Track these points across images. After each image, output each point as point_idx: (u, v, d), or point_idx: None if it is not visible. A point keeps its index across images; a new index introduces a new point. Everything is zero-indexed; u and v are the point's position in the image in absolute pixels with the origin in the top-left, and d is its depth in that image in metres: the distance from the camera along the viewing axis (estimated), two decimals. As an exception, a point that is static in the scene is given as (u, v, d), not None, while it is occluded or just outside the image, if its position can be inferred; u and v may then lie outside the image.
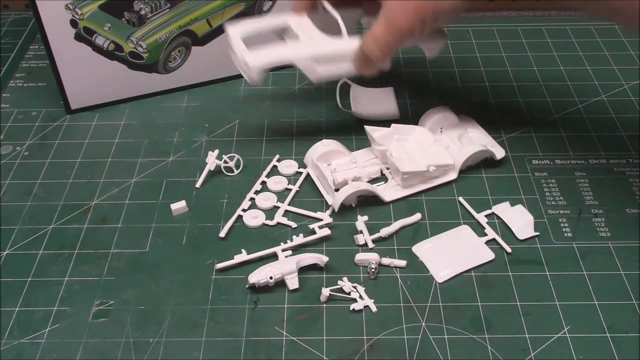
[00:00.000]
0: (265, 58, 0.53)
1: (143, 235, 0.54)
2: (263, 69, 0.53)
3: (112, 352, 0.46)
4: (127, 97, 0.67)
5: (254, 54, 0.53)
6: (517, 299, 0.48)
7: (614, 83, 0.69)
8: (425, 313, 0.47)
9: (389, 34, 0.52)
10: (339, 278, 0.50)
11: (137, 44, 0.64)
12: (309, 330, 0.47)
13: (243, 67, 0.54)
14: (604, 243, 0.52)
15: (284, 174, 0.59)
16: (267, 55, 0.53)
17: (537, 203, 0.56)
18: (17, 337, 0.47)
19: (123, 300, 0.49)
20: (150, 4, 0.63)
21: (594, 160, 0.60)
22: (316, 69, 0.54)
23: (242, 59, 0.53)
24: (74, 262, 0.52)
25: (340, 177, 0.56)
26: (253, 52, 0.53)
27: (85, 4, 0.61)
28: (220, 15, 0.66)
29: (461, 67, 0.71)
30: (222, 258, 0.51)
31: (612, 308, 0.48)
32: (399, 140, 0.58)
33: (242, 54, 0.53)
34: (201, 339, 0.46)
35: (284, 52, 0.54)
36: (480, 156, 0.58)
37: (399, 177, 0.56)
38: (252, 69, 0.53)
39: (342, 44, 0.55)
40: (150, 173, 0.59)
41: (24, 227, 0.55)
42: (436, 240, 0.53)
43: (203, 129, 0.64)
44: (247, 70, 0.53)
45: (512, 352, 0.45)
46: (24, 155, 0.62)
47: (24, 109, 0.67)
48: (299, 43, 0.55)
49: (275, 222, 0.54)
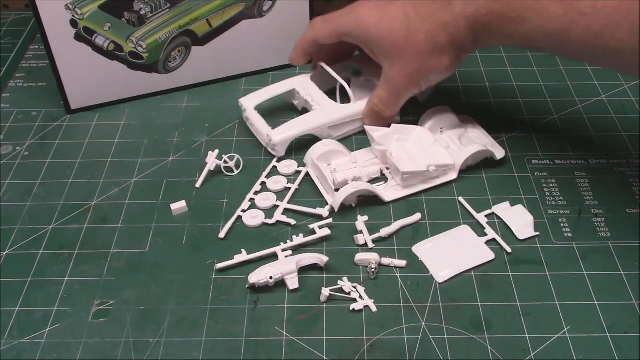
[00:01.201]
0: (288, 134, 0.59)
1: (143, 235, 0.54)
2: (287, 144, 0.60)
3: (112, 352, 0.46)
4: (127, 97, 0.67)
5: (277, 131, 0.59)
6: (517, 299, 0.48)
7: (614, 83, 0.69)
8: (425, 313, 0.47)
9: (391, 95, 0.58)
10: (339, 278, 0.50)
11: (137, 44, 0.64)
12: (309, 330, 0.47)
13: (267, 142, 0.60)
14: (604, 243, 0.52)
15: (284, 173, 0.59)
16: (289, 130, 0.59)
17: (537, 203, 0.56)
18: (17, 337, 0.47)
19: (123, 300, 0.49)
20: (150, 4, 0.63)
21: (594, 160, 0.60)
22: (331, 134, 0.61)
23: (267, 136, 0.59)
24: (74, 262, 0.52)
25: (340, 177, 0.56)
26: (276, 130, 0.59)
27: (85, 4, 0.61)
28: (220, 15, 0.66)
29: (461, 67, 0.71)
30: (222, 258, 0.51)
31: (612, 308, 0.48)
32: (399, 140, 0.58)
33: (267, 133, 0.59)
34: (201, 339, 0.46)
35: (304, 125, 0.60)
36: (480, 156, 0.58)
37: (399, 177, 0.56)
38: (277, 145, 0.59)
39: (350, 109, 0.61)
40: (150, 173, 0.59)
41: (24, 227, 0.55)
42: (436, 240, 0.53)
43: (203, 129, 0.64)
44: (272, 146, 0.60)
45: (512, 352, 0.45)
46: (24, 155, 0.62)
47: (24, 109, 0.67)
48: (314, 114, 0.61)
49: (275, 220, 0.54)
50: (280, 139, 0.59)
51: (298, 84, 0.64)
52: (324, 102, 0.62)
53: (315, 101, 0.62)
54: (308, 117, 0.61)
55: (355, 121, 0.62)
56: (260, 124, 0.61)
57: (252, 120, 0.62)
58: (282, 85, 0.64)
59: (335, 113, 0.61)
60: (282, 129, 0.59)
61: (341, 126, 0.61)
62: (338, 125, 0.61)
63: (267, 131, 0.59)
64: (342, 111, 0.61)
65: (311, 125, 0.60)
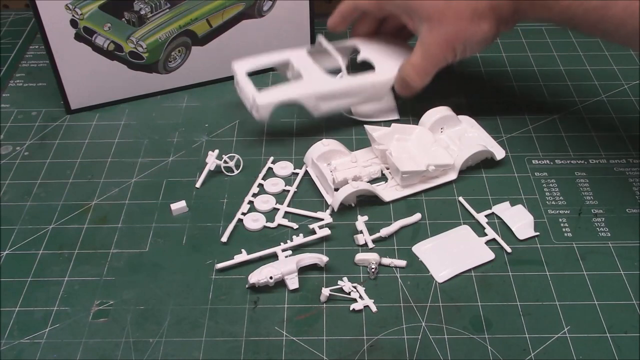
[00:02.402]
0: (273, 97, 0.58)
1: (143, 235, 0.54)
2: (270, 107, 0.58)
3: (112, 352, 0.46)
4: (127, 97, 0.67)
5: (262, 93, 0.58)
6: (517, 299, 0.48)
7: (614, 83, 0.69)
8: (425, 313, 0.47)
9: (426, 62, 0.59)
10: (339, 278, 0.50)
11: (137, 44, 0.64)
12: (309, 330, 0.47)
13: (251, 104, 0.59)
14: (604, 243, 0.52)
15: (280, 175, 0.59)
16: (275, 94, 0.58)
17: (537, 203, 0.56)
18: (17, 337, 0.47)
19: (123, 300, 0.49)
20: (150, 4, 0.63)
21: (594, 160, 0.60)
22: (320, 106, 0.60)
23: (251, 97, 0.58)
24: (74, 262, 0.52)
25: (340, 177, 0.56)
26: (261, 92, 0.58)
27: (85, 4, 0.61)
28: (220, 15, 0.66)
29: (461, 67, 0.71)
30: (222, 258, 0.51)
31: (612, 308, 0.48)
32: (399, 140, 0.58)
33: (252, 94, 0.58)
34: (201, 339, 0.46)
35: (290, 91, 0.59)
36: (480, 156, 0.58)
37: (399, 176, 0.56)
38: (261, 108, 0.58)
39: (341, 82, 0.60)
40: (150, 173, 0.59)
41: (24, 227, 0.55)
42: (436, 240, 0.53)
43: (203, 129, 0.64)
44: (256, 108, 0.58)
45: (512, 352, 0.45)
46: (24, 155, 0.62)
47: (24, 109, 0.67)
48: (303, 82, 0.60)
49: (276, 224, 0.54)
50: (264, 102, 0.58)
51: (293, 55, 0.63)
52: (315, 73, 0.61)
53: (307, 72, 0.61)
54: (296, 84, 0.60)
55: (345, 97, 0.61)
56: (248, 87, 0.60)
57: (242, 84, 0.61)
58: (277, 55, 0.64)
59: (324, 84, 0.60)
60: (268, 92, 0.59)
61: (330, 99, 0.60)
62: (327, 98, 0.60)
63: (253, 92, 0.59)
64: (331, 83, 0.60)
65: (298, 92, 0.59)
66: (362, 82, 0.61)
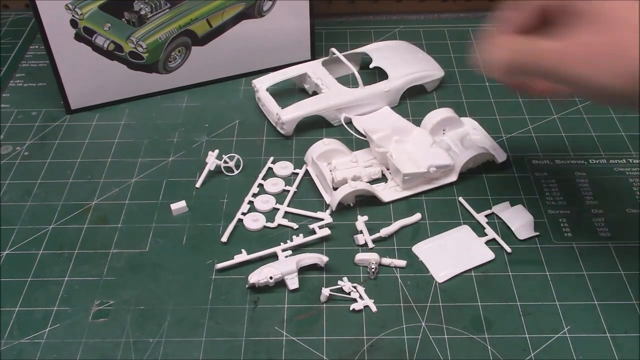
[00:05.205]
0: (296, 113, 0.62)
1: (143, 235, 0.54)
2: (295, 122, 0.62)
3: (112, 352, 0.46)
4: (127, 97, 0.67)
5: (286, 110, 0.62)
6: (517, 299, 0.48)
7: (614, 83, 0.68)
8: (425, 313, 0.47)
9: None
10: (339, 278, 0.50)
11: (137, 44, 0.64)
12: (309, 330, 0.47)
13: (276, 120, 0.62)
14: (604, 243, 0.52)
15: (280, 175, 0.59)
16: (297, 110, 0.62)
17: (537, 203, 0.56)
18: (17, 337, 0.47)
19: (123, 300, 0.49)
20: (150, 4, 0.63)
21: (594, 160, 0.60)
22: (339, 117, 0.63)
23: (276, 114, 0.62)
24: (74, 262, 0.52)
25: (340, 176, 0.56)
26: (285, 109, 0.62)
27: (85, 4, 0.61)
28: (220, 15, 0.66)
29: (461, 67, 0.71)
30: (222, 258, 0.51)
31: (612, 308, 0.48)
32: (397, 142, 0.58)
33: (276, 111, 0.62)
34: (201, 339, 0.46)
35: (311, 106, 0.63)
36: (481, 159, 0.58)
37: (400, 178, 0.56)
38: (286, 124, 0.62)
39: (358, 93, 0.63)
40: (150, 173, 0.59)
41: (24, 227, 0.55)
42: (436, 240, 0.53)
43: (203, 129, 0.64)
44: (280, 124, 0.62)
45: (512, 352, 0.45)
46: (24, 155, 0.62)
47: (24, 109, 0.67)
48: (323, 96, 0.64)
49: (276, 224, 0.54)
50: (288, 118, 0.61)
51: (309, 68, 0.67)
52: (333, 85, 0.64)
53: (325, 85, 0.65)
54: (317, 98, 0.64)
55: (363, 105, 0.63)
56: (270, 104, 0.63)
57: (264, 100, 0.64)
58: (294, 69, 0.67)
59: (343, 96, 0.63)
60: (291, 109, 0.62)
61: (349, 109, 0.63)
62: (346, 108, 0.63)
63: (277, 110, 0.62)
64: (350, 95, 0.63)
65: (319, 106, 0.62)
66: (377, 90, 0.64)
